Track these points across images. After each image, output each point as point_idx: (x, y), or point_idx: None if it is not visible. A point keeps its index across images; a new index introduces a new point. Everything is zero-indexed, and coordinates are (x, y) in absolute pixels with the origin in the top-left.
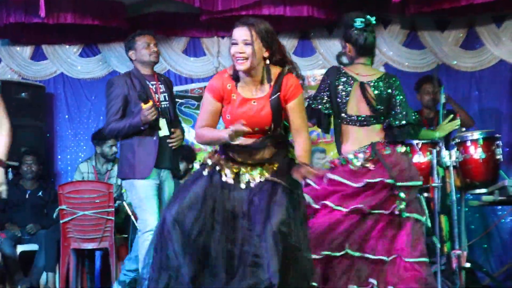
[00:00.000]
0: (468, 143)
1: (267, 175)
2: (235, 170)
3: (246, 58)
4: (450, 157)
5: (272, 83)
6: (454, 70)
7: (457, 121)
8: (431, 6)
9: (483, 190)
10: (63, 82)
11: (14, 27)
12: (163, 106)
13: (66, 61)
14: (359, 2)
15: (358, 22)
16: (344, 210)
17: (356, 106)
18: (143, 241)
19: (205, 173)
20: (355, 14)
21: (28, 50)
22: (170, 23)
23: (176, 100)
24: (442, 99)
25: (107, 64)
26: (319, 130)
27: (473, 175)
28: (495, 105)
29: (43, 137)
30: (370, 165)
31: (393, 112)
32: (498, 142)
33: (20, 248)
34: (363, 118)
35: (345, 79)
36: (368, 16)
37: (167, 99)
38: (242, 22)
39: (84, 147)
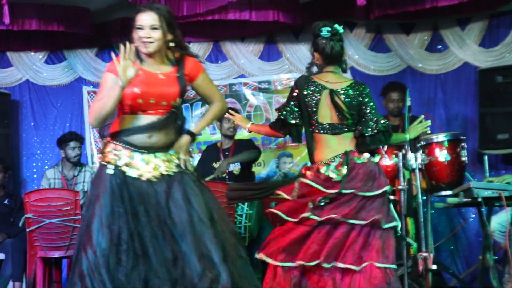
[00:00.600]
0: (434, 145)
1: (173, 166)
2: (138, 165)
3: (152, 42)
4: (415, 159)
5: (175, 64)
6: (419, 72)
7: (428, 122)
8: (396, 9)
9: (449, 192)
10: (29, 89)
11: None
12: None
13: (32, 68)
14: (324, 7)
15: (325, 32)
16: (318, 219)
17: (327, 114)
18: None
19: (107, 175)
20: (322, 23)
21: None
22: None
23: None
24: (408, 102)
25: (73, 71)
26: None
27: (438, 177)
28: (460, 107)
29: (9, 144)
30: (339, 175)
31: (364, 121)
32: (463, 144)
33: None
34: (334, 126)
35: (314, 87)
36: (336, 25)
37: None
38: (147, 7)
39: (50, 155)
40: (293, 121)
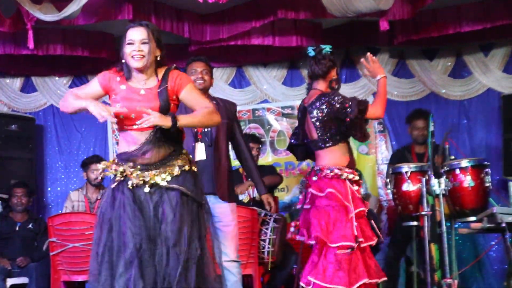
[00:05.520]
0: (457, 171)
1: (168, 180)
2: (139, 178)
3: (143, 56)
4: (439, 185)
5: (159, 78)
6: (443, 98)
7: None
8: (419, 34)
9: (473, 218)
10: (53, 114)
11: (4, 59)
12: (204, 130)
13: (56, 92)
14: (347, 32)
15: (310, 50)
16: None
17: (307, 132)
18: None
19: (109, 192)
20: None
21: (17, 82)
22: None
23: None
24: (431, 128)
25: None
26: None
27: (462, 203)
28: (483, 133)
29: (33, 169)
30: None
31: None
32: (487, 169)
33: (10, 282)
34: (312, 143)
35: (300, 109)
36: (322, 45)
37: None
38: (137, 23)
39: (75, 179)
40: (293, 141)
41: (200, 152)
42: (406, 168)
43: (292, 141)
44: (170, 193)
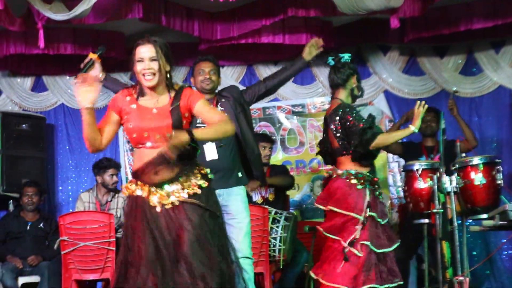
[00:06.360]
0: (469, 169)
1: (183, 196)
2: (153, 194)
3: (154, 74)
4: (450, 182)
5: (172, 95)
6: (454, 96)
7: (423, 103)
8: (430, 32)
9: (484, 216)
10: (64, 113)
11: (14, 58)
12: None
13: (67, 91)
14: (358, 30)
15: (329, 60)
16: None
17: (331, 140)
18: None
19: (126, 207)
20: (333, 53)
21: (28, 82)
22: None
23: None
24: (442, 125)
25: (108, 94)
26: (320, 157)
27: (474, 201)
28: (495, 131)
29: (44, 168)
30: None
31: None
32: (498, 167)
33: (21, 280)
34: (335, 150)
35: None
36: (340, 54)
37: None
38: (145, 40)
39: (85, 178)
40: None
41: (211, 152)
42: (418, 165)
43: (321, 148)
44: (186, 207)
